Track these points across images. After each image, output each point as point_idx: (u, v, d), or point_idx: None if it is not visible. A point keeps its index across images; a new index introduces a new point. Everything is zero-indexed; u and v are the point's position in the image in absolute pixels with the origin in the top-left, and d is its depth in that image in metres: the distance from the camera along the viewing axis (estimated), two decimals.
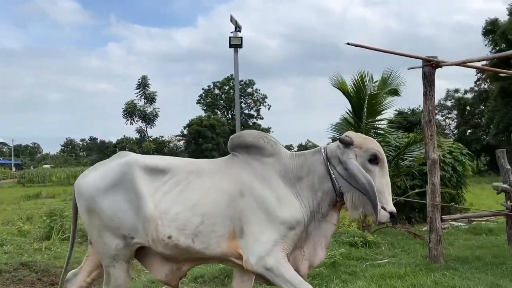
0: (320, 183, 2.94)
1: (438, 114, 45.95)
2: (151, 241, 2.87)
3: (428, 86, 6.10)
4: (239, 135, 3.17)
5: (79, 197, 3.05)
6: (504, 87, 28.68)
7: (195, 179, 2.96)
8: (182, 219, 2.83)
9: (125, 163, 3.02)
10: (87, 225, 3.08)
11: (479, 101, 40.82)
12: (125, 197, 2.92)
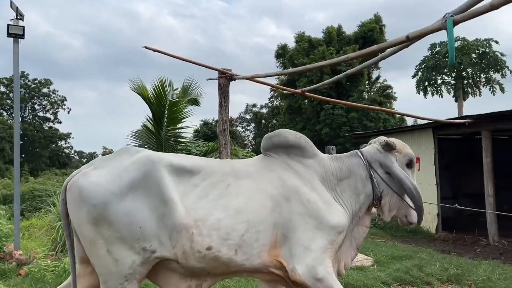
0: (363, 186, 2.88)
1: (239, 125, 49.79)
2: (180, 254, 2.41)
3: (223, 97, 6.35)
4: (279, 133, 2.89)
5: (82, 203, 2.35)
6: (291, 105, 32.95)
7: (234, 181, 2.60)
8: (225, 227, 2.45)
9: (148, 160, 2.47)
10: (87, 239, 2.38)
11: (272, 115, 45.90)
12: (148, 202, 2.38)
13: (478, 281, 5.05)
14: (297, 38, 33.94)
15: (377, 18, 32.16)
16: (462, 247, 8.18)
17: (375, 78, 34.15)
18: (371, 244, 7.90)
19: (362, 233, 2.97)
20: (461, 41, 27.24)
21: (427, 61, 28.11)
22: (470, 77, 27.71)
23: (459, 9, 2.90)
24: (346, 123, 28.88)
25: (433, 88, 28.54)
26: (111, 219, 2.35)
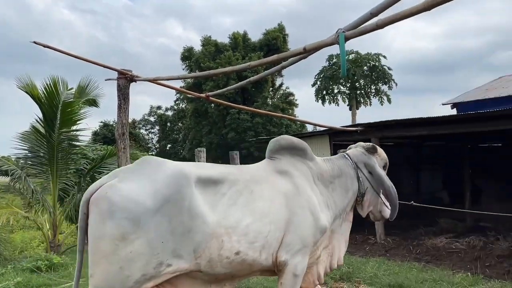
0: (351, 184, 3.22)
1: (142, 128, 48.13)
2: (204, 263, 2.47)
3: (123, 99, 6.03)
4: (285, 137, 3.21)
5: (111, 217, 2.24)
6: (197, 108, 32.76)
7: (255, 186, 2.76)
8: (253, 231, 2.61)
9: (181, 175, 2.47)
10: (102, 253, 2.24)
11: (177, 118, 45.16)
12: (175, 217, 2.36)
13: (366, 277, 5.45)
14: (203, 42, 33.91)
15: (280, 27, 33.45)
16: (354, 246, 8.77)
17: (279, 85, 35.46)
18: None
19: (347, 229, 3.29)
20: (355, 54, 29.52)
21: (325, 71, 30.00)
22: (362, 88, 30.16)
23: (350, 26, 3.10)
24: (251, 128, 29.52)
25: (330, 97, 30.54)
26: (139, 235, 2.28)
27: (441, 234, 8.92)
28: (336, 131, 9.51)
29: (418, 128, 8.49)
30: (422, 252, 7.71)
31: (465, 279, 5.31)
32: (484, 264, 6.65)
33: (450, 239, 8.34)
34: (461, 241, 8.05)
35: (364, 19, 3.04)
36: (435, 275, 5.45)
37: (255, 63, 4.00)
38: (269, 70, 4.91)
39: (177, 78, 5.42)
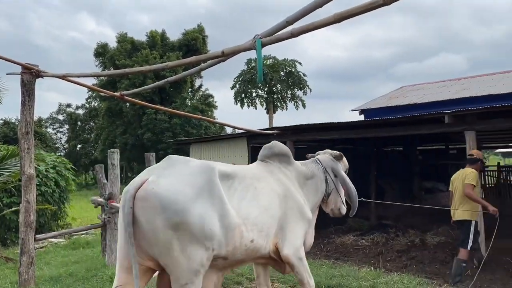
0: (321, 185, 3.78)
1: (49, 127, 44.89)
2: (231, 250, 2.86)
3: (27, 96, 5.62)
4: (276, 145, 3.69)
5: (163, 210, 2.57)
6: (111, 107, 31.33)
7: (257, 184, 3.18)
8: (260, 222, 3.04)
9: (208, 168, 2.90)
10: (162, 242, 2.59)
11: (89, 117, 42.78)
12: (211, 206, 2.74)
13: (279, 276, 5.61)
14: (119, 38, 32.57)
15: (200, 29, 33.27)
16: None
17: (198, 87, 35.22)
18: None
19: (314, 221, 3.80)
20: (272, 59, 30.33)
21: (244, 75, 30.44)
22: (279, 93, 31.08)
23: (267, 33, 3.20)
24: (169, 128, 28.94)
25: (249, 100, 31.04)
26: (189, 222, 2.63)
27: (349, 232, 9.49)
28: (253, 134, 9.70)
29: (330, 132, 8.97)
30: (332, 249, 8.15)
31: (369, 273, 5.71)
32: (386, 258, 7.22)
33: (357, 236, 8.91)
34: (366, 238, 8.64)
35: (280, 27, 3.16)
36: (343, 271, 5.79)
37: (173, 63, 3.96)
38: (188, 71, 4.88)
39: (89, 75, 5.17)
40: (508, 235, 8.97)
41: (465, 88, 12.14)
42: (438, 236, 8.37)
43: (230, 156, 10.96)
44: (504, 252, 7.11)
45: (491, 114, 6.78)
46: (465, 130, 6.82)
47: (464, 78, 14.20)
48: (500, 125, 6.78)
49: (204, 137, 14.31)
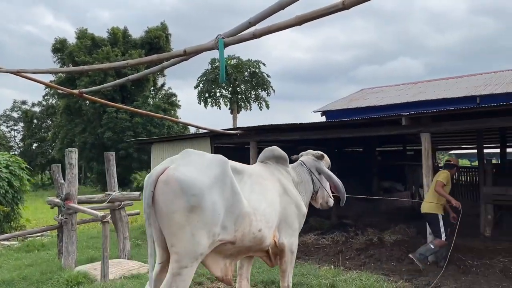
0: (309, 185, 4.19)
1: (3, 125, 42.94)
2: (239, 236, 3.16)
3: None
4: (276, 149, 4.05)
5: (182, 193, 2.84)
6: (69, 105, 30.34)
7: (263, 181, 3.56)
8: (267, 214, 3.40)
9: (222, 161, 3.17)
10: (177, 224, 2.84)
11: (46, 115, 41.24)
12: (222, 194, 3.00)
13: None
14: (79, 34, 31.62)
15: (163, 26, 32.81)
16: None
17: (161, 85, 34.71)
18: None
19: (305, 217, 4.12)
20: (237, 60, 30.33)
21: (207, 74, 30.24)
22: (243, 93, 31.10)
23: (230, 33, 3.20)
24: (130, 127, 28.33)
25: (213, 100, 30.88)
26: (203, 207, 2.88)
27: (310, 231, 9.63)
28: (217, 134, 9.68)
29: (292, 133, 9.09)
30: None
31: (329, 271, 5.83)
32: (345, 257, 7.38)
33: (318, 235, 9.06)
34: (327, 237, 8.80)
35: (243, 27, 3.17)
36: (304, 270, 5.88)
37: (133, 61, 3.88)
38: (149, 70, 4.80)
39: (46, 71, 4.96)
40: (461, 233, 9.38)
41: (422, 91, 12.62)
42: (395, 235, 8.64)
43: None
44: (457, 249, 7.45)
45: (445, 117, 7.08)
46: (421, 132, 7.09)
47: (420, 82, 14.75)
48: (452, 128, 7.11)
49: (166, 137, 14.11)
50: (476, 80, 12.61)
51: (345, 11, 2.46)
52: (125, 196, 6.95)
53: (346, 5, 2.39)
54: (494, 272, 6.08)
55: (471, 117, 6.97)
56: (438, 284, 5.59)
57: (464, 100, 10.34)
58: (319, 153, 4.45)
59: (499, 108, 6.58)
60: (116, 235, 6.98)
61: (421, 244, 6.70)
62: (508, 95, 9.83)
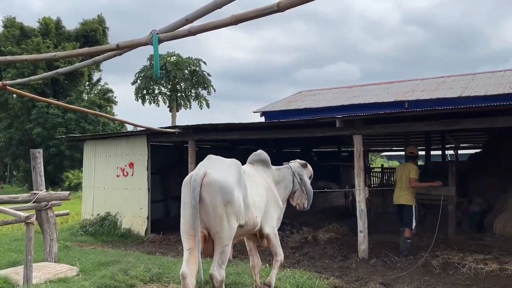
0: (289, 185, 5.16)
1: None
2: (247, 220, 4.14)
3: None
4: (262, 153, 5.04)
5: (221, 192, 3.78)
6: None
7: (255, 178, 4.56)
8: (259, 205, 4.41)
9: (238, 165, 4.24)
10: (218, 214, 3.77)
11: None
12: (241, 190, 4.03)
13: (176, 276, 5.56)
14: (6, 23, 29.51)
15: (100, 19, 31.52)
16: (167, 246, 8.84)
17: (96, 80, 33.28)
18: (78, 253, 7.56)
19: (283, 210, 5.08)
20: (177, 57, 29.82)
21: (146, 71, 29.41)
22: (183, 91, 30.64)
23: (166, 29, 3.14)
24: (62, 124, 26.86)
25: (151, 97, 30.10)
26: (233, 201, 3.85)
27: None
28: (154, 132, 9.46)
29: (231, 133, 9.11)
30: (234, 249, 8.25)
31: (264, 270, 5.89)
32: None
33: None
34: None
35: (180, 24, 3.12)
36: (239, 269, 5.91)
37: (62, 53, 3.68)
38: (81, 63, 4.58)
39: None
40: (388, 231, 9.90)
41: (356, 95, 13.17)
42: (329, 233, 8.94)
43: (128, 154, 10.53)
44: (384, 246, 7.86)
45: (375, 120, 7.44)
46: (353, 134, 7.40)
47: (355, 86, 15.39)
48: (382, 130, 7.49)
49: (101, 134, 13.56)
50: (405, 86, 13.39)
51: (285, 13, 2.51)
52: (53, 195, 6.58)
53: (281, 7, 2.43)
54: (417, 267, 6.47)
55: (399, 121, 7.39)
56: (366, 280, 5.86)
57: (393, 104, 10.93)
58: (302, 162, 5.47)
59: (424, 113, 7.04)
60: (43, 237, 6.59)
61: (353, 242, 7.01)
62: (432, 101, 10.54)
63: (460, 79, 13.02)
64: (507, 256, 7.00)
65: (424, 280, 5.88)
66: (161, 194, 12.74)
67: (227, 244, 3.88)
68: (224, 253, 3.88)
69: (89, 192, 11.12)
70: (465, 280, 5.83)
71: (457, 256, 6.90)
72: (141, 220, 10.07)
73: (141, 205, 10.10)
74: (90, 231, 9.96)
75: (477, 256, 6.88)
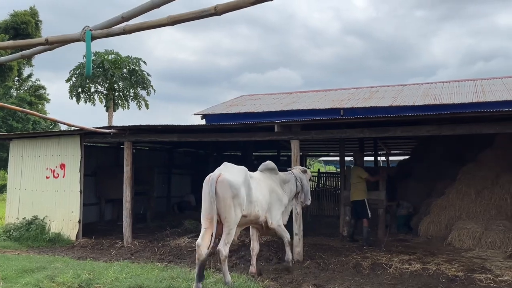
0: (293, 187, 6.57)
1: None
2: (249, 212, 5.58)
3: None
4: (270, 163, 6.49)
5: (230, 188, 5.21)
6: None
7: (261, 183, 5.95)
8: (262, 202, 5.82)
9: (245, 170, 5.72)
10: (228, 205, 5.21)
11: None
12: (246, 189, 5.47)
13: (107, 282, 5.36)
14: None
15: (33, 12, 29.77)
16: (99, 251, 8.49)
17: (27, 76, 31.28)
18: (0, 259, 7.05)
19: (290, 207, 6.75)
20: (115, 55, 28.80)
21: (81, 68, 28.10)
22: (121, 90, 29.62)
23: (101, 25, 3.03)
24: None
25: (86, 96, 28.80)
26: (239, 195, 5.31)
27: (185, 234, 9.58)
28: (88, 132, 9.08)
29: (170, 135, 8.96)
30: (166, 252, 8.10)
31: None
32: (217, 259, 7.48)
33: (192, 238, 9.02)
34: None
35: (116, 21, 3.03)
36: (174, 273, 5.80)
37: None
38: (6, 57, 4.28)
39: None
40: (323, 233, 10.20)
41: (295, 101, 13.48)
42: (266, 236, 9.04)
43: (60, 155, 10.00)
44: (318, 248, 8.10)
45: (312, 126, 7.67)
46: (291, 139, 7.58)
47: (295, 92, 15.75)
48: (317, 136, 7.74)
49: (30, 133, 12.77)
50: (342, 94, 13.92)
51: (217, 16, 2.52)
52: None
53: (218, 10, 2.44)
54: (348, 268, 6.73)
55: (334, 127, 7.68)
56: (299, 282, 6.00)
57: (330, 111, 11.33)
58: (302, 168, 6.90)
59: (357, 120, 7.37)
60: None
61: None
62: (366, 109, 11.05)
63: (392, 89, 13.76)
64: (430, 256, 7.49)
65: (354, 280, 6.13)
66: (94, 197, 12.25)
67: (232, 228, 5.29)
68: (229, 234, 5.30)
69: (15, 194, 10.42)
70: (391, 280, 6.15)
71: (385, 257, 7.26)
72: (72, 223, 9.59)
73: (72, 208, 9.63)
74: (15, 236, 9.32)
75: (403, 257, 7.29)
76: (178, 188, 16.00)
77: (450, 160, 10.75)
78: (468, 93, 11.75)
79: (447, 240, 8.80)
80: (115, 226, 10.85)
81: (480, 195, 9.50)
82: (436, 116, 6.98)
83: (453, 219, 9.42)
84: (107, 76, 27.84)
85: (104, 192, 12.17)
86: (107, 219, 12.56)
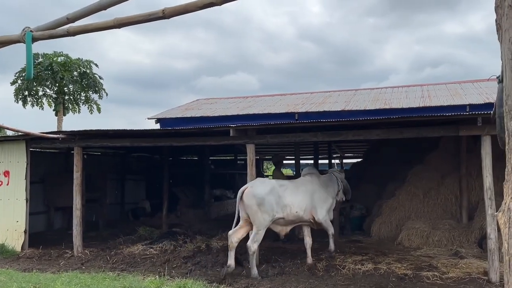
0: (336, 187, 7.59)
1: None
2: (285, 215, 6.70)
3: None
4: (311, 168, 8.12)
5: (254, 197, 6.49)
6: None
7: (300, 187, 7.05)
8: (300, 204, 6.85)
9: (274, 183, 6.95)
10: (254, 211, 6.46)
11: None
12: (274, 197, 6.59)
13: None
14: None
15: None
16: (47, 262, 8.09)
17: None
18: None
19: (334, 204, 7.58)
20: (65, 57, 27.76)
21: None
22: (71, 94, 28.53)
23: (45, 27, 2.91)
24: None
25: (34, 99, 27.52)
26: (264, 203, 6.49)
27: (138, 241, 9.34)
28: (35, 137, 8.67)
29: (122, 139, 8.73)
30: (119, 261, 7.85)
31: (153, 282, 5.72)
32: (172, 266, 7.35)
33: (146, 245, 8.82)
34: (155, 247, 8.63)
35: (60, 22, 2.92)
36: (126, 282, 5.63)
37: None
38: None
39: None
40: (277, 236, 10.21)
41: (251, 105, 13.54)
42: (222, 241, 8.98)
43: (3, 161, 9.47)
44: (274, 251, 8.14)
45: (267, 130, 7.73)
46: (247, 143, 7.59)
47: (251, 96, 15.82)
48: (273, 140, 7.80)
49: None
50: (296, 99, 14.13)
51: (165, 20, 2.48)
52: None
53: (166, 14, 2.41)
54: (303, 271, 6.81)
55: (289, 131, 7.76)
56: (255, 286, 6.01)
57: (285, 115, 11.47)
58: (339, 169, 7.60)
59: (311, 125, 7.50)
60: None
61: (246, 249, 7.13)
62: (320, 113, 11.28)
63: (344, 94, 14.14)
64: (381, 256, 7.73)
65: (309, 282, 6.21)
66: (43, 205, 11.70)
67: (260, 229, 6.48)
68: (257, 234, 6.47)
69: None
70: (344, 281, 6.28)
71: (339, 259, 7.41)
72: (17, 234, 9.09)
73: (17, 217, 9.13)
74: None
75: (355, 258, 7.48)
76: (132, 194, 15.60)
77: (400, 162, 11.17)
78: (415, 98, 12.28)
79: (397, 240, 9.12)
80: (65, 235, 10.39)
81: (428, 196, 9.93)
82: (385, 120, 7.23)
83: (403, 219, 9.79)
84: (56, 79, 26.72)
85: (53, 200, 11.66)
86: (56, 228, 12.03)
